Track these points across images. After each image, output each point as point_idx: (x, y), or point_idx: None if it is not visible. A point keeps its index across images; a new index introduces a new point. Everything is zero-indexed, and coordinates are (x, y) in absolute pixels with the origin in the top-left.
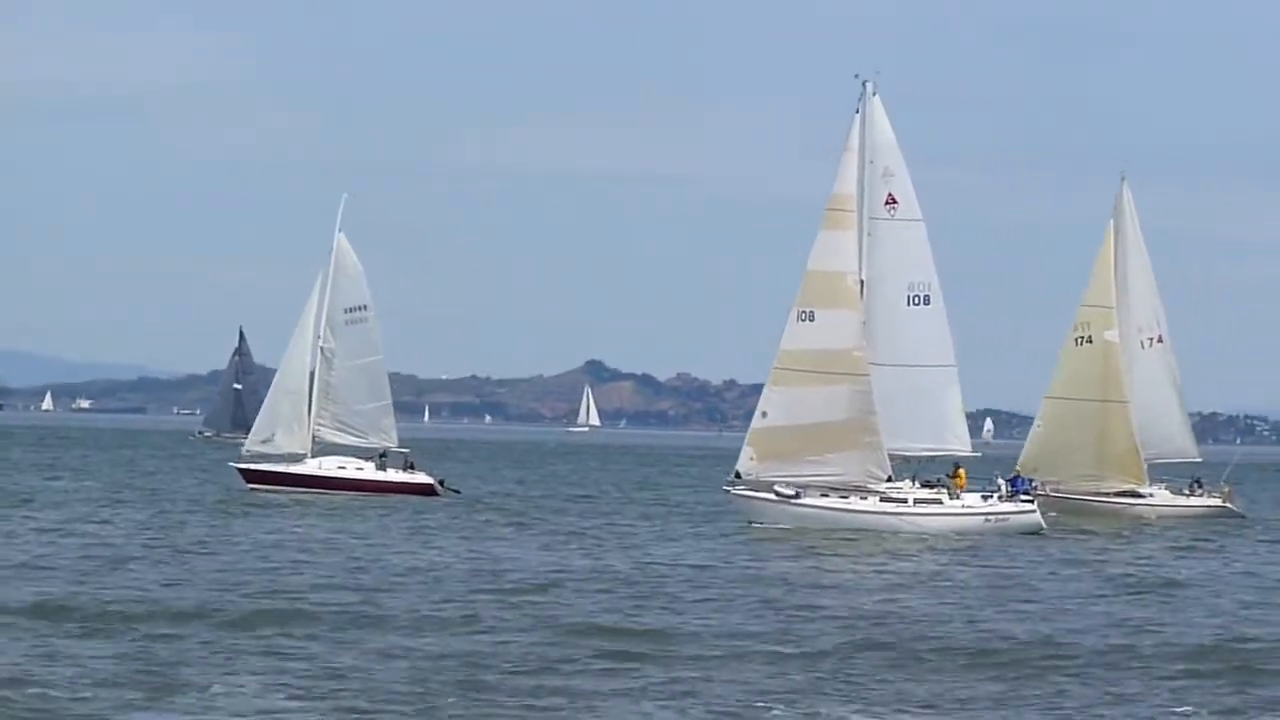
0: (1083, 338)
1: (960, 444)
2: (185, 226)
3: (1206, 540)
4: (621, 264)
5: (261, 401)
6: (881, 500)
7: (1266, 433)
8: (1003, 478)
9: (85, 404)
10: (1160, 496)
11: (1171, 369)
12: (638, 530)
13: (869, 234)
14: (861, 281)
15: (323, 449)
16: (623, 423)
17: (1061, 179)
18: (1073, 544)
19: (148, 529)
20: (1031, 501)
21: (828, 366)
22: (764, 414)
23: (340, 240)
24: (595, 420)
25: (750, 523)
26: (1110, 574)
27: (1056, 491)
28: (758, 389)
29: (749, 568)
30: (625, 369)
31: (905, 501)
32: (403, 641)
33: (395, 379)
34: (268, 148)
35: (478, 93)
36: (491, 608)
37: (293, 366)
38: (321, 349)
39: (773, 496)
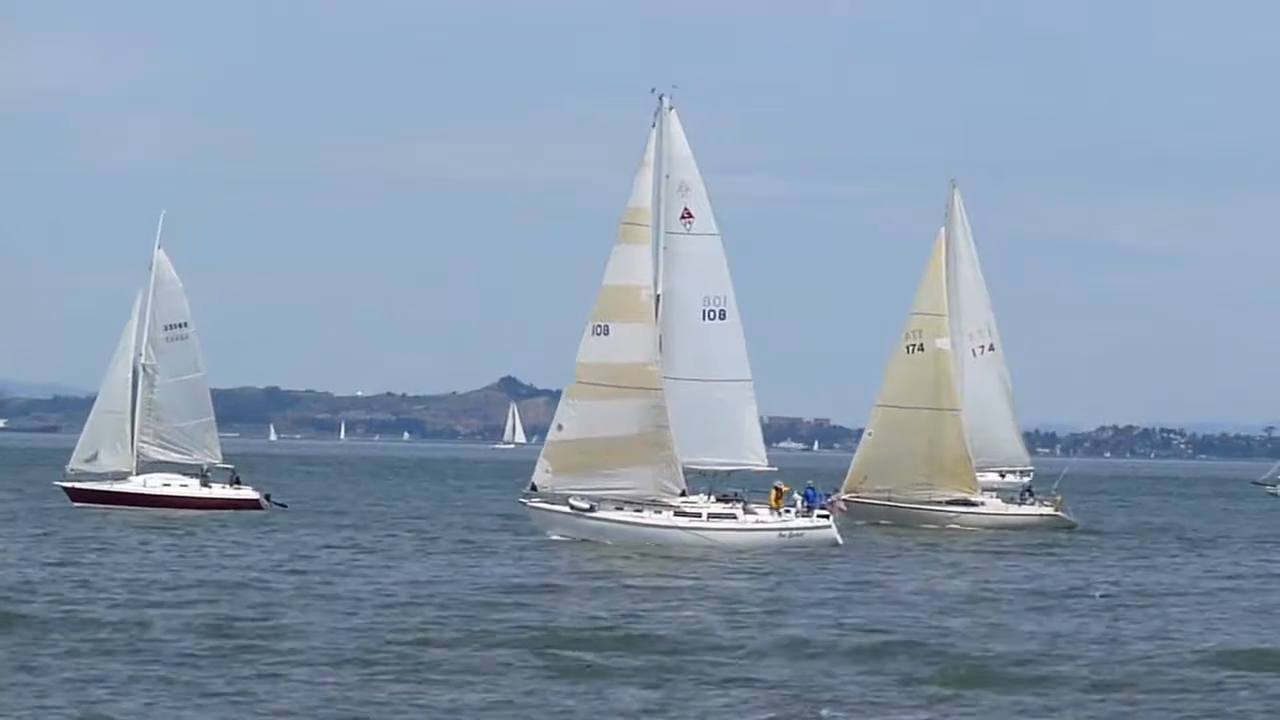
0: (914, 345)
1: (757, 459)
2: (97, 242)
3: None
4: (534, 278)
5: None
6: (675, 514)
7: (1183, 446)
8: (798, 492)
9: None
10: (992, 505)
11: (1003, 377)
12: (403, 543)
13: (665, 248)
14: (657, 296)
15: (147, 466)
16: (534, 439)
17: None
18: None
19: None
20: (827, 517)
21: (621, 380)
22: (560, 427)
23: (159, 256)
24: (521, 437)
25: (545, 535)
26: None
27: (890, 500)
28: None
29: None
30: (541, 385)
31: (699, 516)
32: None
33: (311, 396)
34: (192, 161)
35: (382, 102)
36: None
37: (114, 384)
38: (143, 367)
39: (567, 509)
